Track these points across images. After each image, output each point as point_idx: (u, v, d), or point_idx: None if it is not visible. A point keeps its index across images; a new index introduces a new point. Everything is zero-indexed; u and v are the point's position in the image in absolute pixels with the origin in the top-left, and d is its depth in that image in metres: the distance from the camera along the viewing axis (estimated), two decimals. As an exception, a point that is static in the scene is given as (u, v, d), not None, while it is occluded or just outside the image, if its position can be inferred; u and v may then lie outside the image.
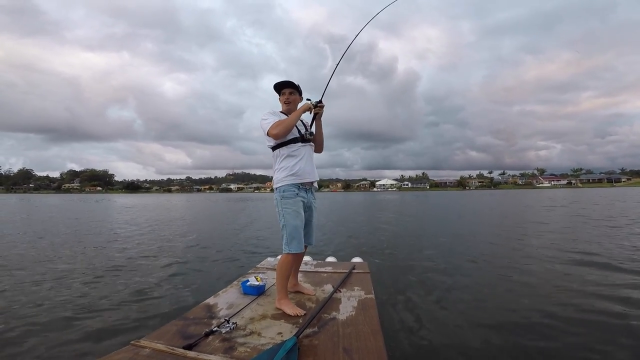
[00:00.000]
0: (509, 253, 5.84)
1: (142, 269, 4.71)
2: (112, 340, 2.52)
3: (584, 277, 4.16)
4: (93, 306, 3.27)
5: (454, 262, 5.13)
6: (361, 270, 3.23)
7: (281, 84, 2.40)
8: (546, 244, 6.56)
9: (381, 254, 5.87)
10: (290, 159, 2.31)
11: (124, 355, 1.61)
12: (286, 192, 2.28)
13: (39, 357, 2.34)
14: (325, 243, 6.88)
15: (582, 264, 4.84)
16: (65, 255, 5.69)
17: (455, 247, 6.37)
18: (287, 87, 2.41)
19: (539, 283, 4.02)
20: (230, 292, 2.59)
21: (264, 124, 2.27)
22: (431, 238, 7.66)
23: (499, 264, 5.00)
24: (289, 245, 2.24)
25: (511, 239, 7.35)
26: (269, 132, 2.22)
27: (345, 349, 1.68)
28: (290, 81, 2.39)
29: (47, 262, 5.14)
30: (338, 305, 2.29)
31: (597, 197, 27.30)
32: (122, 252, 5.93)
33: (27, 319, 2.94)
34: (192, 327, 1.94)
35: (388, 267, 4.90)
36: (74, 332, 2.70)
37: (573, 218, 11.50)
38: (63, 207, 23.22)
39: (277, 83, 2.40)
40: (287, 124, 2.21)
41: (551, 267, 4.77)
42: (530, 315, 3.04)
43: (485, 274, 4.50)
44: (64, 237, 7.83)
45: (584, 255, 5.36)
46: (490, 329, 2.78)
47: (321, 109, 2.33)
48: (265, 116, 2.30)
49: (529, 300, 3.45)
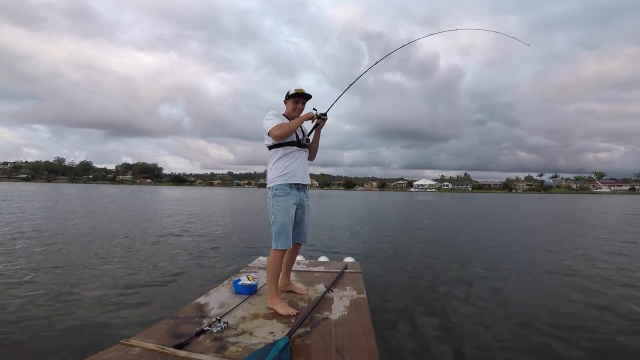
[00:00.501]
0: (521, 258, 5.92)
1: (132, 266, 4.64)
2: (101, 339, 2.47)
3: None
4: (80, 303, 3.21)
5: (472, 270, 5.13)
6: (353, 270, 3.25)
7: (303, 95, 2.48)
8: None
9: (381, 255, 5.91)
10: (284, 160, 2.40)
11: (113, 355, 1.58)
12: (278, 191, 2.36)
13: (24, 355, 2.29)
14: (340, 243, 6.91)
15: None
16: (57, 247, 5.58)
17: (476, 254, 6.31)
18: (306, 98, 2.51)
19: (550, 293, 4.03)
20: (222, 291, 2.58)
21: (267, 124, 2.36)
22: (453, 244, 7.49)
23: (506, 267, 5.07)
24: (277, 241, 2.32)
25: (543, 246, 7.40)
26: (271, 132, 2.31)
27: (337, 349, 1.69)
28: (310, 95, 2.50)
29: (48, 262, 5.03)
30: (330, 305, 2.31)
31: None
32: (112, 247, 5.83)
33: (8, 316, 2.87)
34: (183, 326, 1.92)
35: (383, 268, 4.93)
36: (60, 330, 2.64)
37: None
38: (116, 197, 24.92)
39: (299, 92, 2.45)
40: (289, 128, 2.32)
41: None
42: (529, 322, 3.02)
43: (488, 276, 4.57)
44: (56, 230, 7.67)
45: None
46: (482, 329, 2.83)
47: (324, 121, 2.46)
48: (269, 116, 2.38)
49: (524, 303, 3.51)
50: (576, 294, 3.74)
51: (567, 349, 2.50)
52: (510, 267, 5.00)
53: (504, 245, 7.01)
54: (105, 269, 4.52)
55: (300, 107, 2.49)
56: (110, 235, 7.32)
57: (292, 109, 2.48)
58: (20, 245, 5.89)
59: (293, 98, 2.47)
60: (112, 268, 4.56)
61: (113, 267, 4.60)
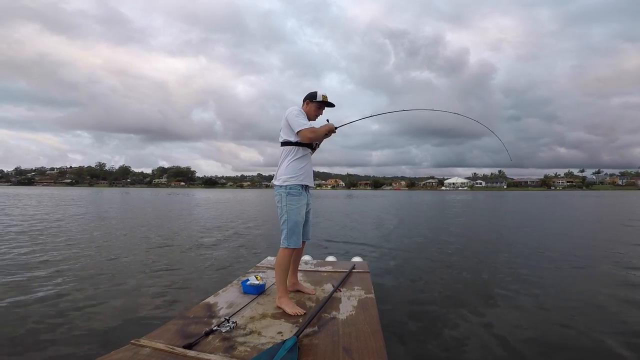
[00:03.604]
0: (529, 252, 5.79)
1: (141, 267, 4.71)
2: (112, 339, 2.51)
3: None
4: (91, 304, 3.26)
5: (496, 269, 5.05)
6: (361, 269, 3.24)
7: (329, 105, 2.56)
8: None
9: (392, 256, 5.87)
10: (301, 161, 2.43)
11: (123, 355, 1.60)
12: (292, 190, 2.37)
13: (34, 356, 2.33)
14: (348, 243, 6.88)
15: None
16: (65, 247, 5.69)
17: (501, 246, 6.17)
18: (330, 107, 2.59)
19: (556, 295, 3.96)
20: (230, 291, 2.59)
21: (298, 122, 2.34)
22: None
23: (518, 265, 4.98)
24: (288, 240, 2.33)
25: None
26: (305, 133, 2.31)
27: (345, 349, 1.68)
28: (334, 104, 2.60)
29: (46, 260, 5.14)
30: (338, 305, 2.30)
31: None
32: (122, 249, 5.93)
33: (20, 317, 2.93)
34: (192, 326, 1.94)
35: (393, 268, 4.90)
36: (72, 331, 2.70)
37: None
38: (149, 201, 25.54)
39: (328, 102, 2.52)
40: (319, 134, 2.39)
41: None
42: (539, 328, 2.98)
43: (493, 277, 4.50)
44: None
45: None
46: (493, 334, 2.77)
47: (332, 134, 2.54)
48: (298, 114, 2.40)
49: (535, 312, 3.44)
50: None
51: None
52: (541, 275, 4.43)
53: (534, 251, 6.12)
54: (115, 269, 4.60)
55: (321, 113, 2.57)
56: (127, 236, 7.44)
57: (314, 112, 2.52)
58: (44, 244, 6.03)
59: (318, 104, 2.51)
60: (123, 269, 4.63)
61: (123, 268, 4.67)
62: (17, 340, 2.53)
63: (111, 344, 2.33)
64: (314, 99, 2.49)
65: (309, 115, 2.50)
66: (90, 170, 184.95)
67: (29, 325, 2.77)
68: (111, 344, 2.33)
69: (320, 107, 2.54)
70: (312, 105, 2.50)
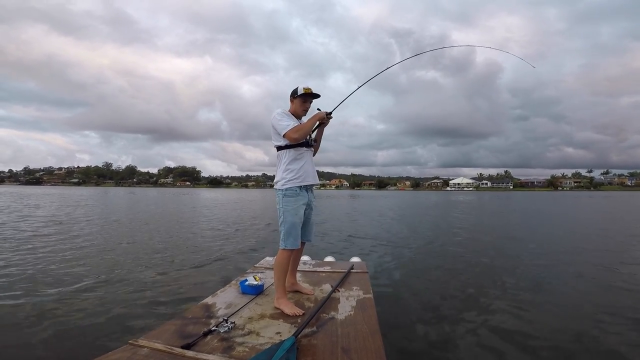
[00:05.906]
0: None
1: (139, 267, 4.70)
2: (110, 339, 2.51)
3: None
4: (90, 304, 3.26)
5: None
6: (359, 270, 3.24)
7: (314, 96, 2.47)
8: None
9: (391, 256, 5.87)
10: (297, 162, 2.41)
11: (121, 355, 1.60)
12: (288, 191, 2.38)
13: (33, 356, 2.33)
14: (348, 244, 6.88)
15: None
16: (64, 251, 5.68)
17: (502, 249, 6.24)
18: (314, 98, 2.52)
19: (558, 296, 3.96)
20: (229, 292, 2.59)
21: (281, 125, 2.32)
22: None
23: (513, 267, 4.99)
24: (285, 241, 2.34)
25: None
26: (289, 134, 2.29)
27: (343, 349, 1.68)
28: (319, 94, 2.50)
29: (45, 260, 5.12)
30: (337, 305, 2.30)
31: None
32: (122, 249, 5.91)
33: (18, 317, 2.92)
34: (191, 327, 1.93)
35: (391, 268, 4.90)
36: (70, 331, 2.69)
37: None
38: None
39: (310, 93, 2.44)
40: (306, 130, 2.34)
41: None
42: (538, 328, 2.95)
43: (493, 277, 4.51)
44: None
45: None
46: (488, 332, 2.79)
47: (329, 120, 2.49)
48: (281, 117, 2.36)
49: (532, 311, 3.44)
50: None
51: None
52: (544, 280, 4.25)
53: (536, 253, 6.05)
54: (114, 269, 4.58)
55: (308, 106, 2.50)
56: (128, 237, 7.42)
57: (300, 108, 2.47)
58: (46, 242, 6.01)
59: (301, 97, 2.45)
60: (121, 269, 4.62)
61: (122, 268, 4.66)
62: (14, 341, 2.52)
63: (109, 344, 2.33)
64: (296, 95, 2.46)
65: (297, 112, 2.47)
66: (98, 170, 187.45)
67: (27, 326, 2.76)
68: (109, 344, 2.33)
69: (306, 101, 2.47)
70: (296, 102, 2.46)
